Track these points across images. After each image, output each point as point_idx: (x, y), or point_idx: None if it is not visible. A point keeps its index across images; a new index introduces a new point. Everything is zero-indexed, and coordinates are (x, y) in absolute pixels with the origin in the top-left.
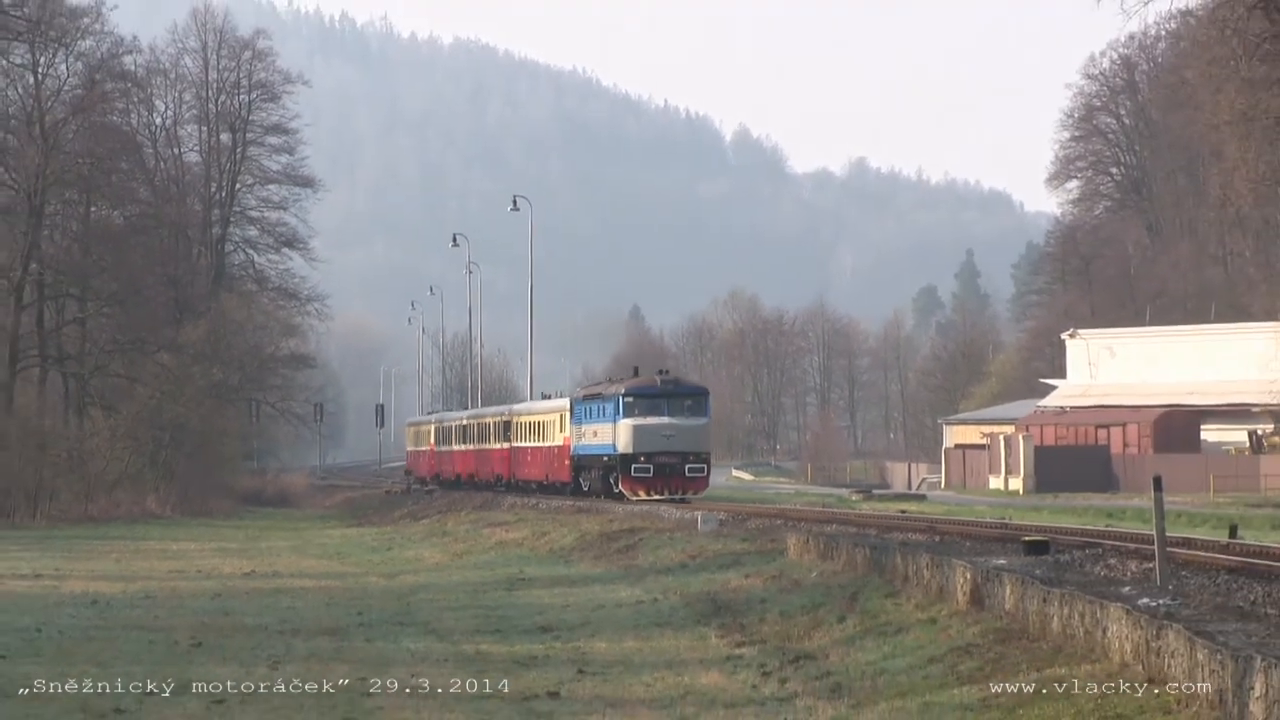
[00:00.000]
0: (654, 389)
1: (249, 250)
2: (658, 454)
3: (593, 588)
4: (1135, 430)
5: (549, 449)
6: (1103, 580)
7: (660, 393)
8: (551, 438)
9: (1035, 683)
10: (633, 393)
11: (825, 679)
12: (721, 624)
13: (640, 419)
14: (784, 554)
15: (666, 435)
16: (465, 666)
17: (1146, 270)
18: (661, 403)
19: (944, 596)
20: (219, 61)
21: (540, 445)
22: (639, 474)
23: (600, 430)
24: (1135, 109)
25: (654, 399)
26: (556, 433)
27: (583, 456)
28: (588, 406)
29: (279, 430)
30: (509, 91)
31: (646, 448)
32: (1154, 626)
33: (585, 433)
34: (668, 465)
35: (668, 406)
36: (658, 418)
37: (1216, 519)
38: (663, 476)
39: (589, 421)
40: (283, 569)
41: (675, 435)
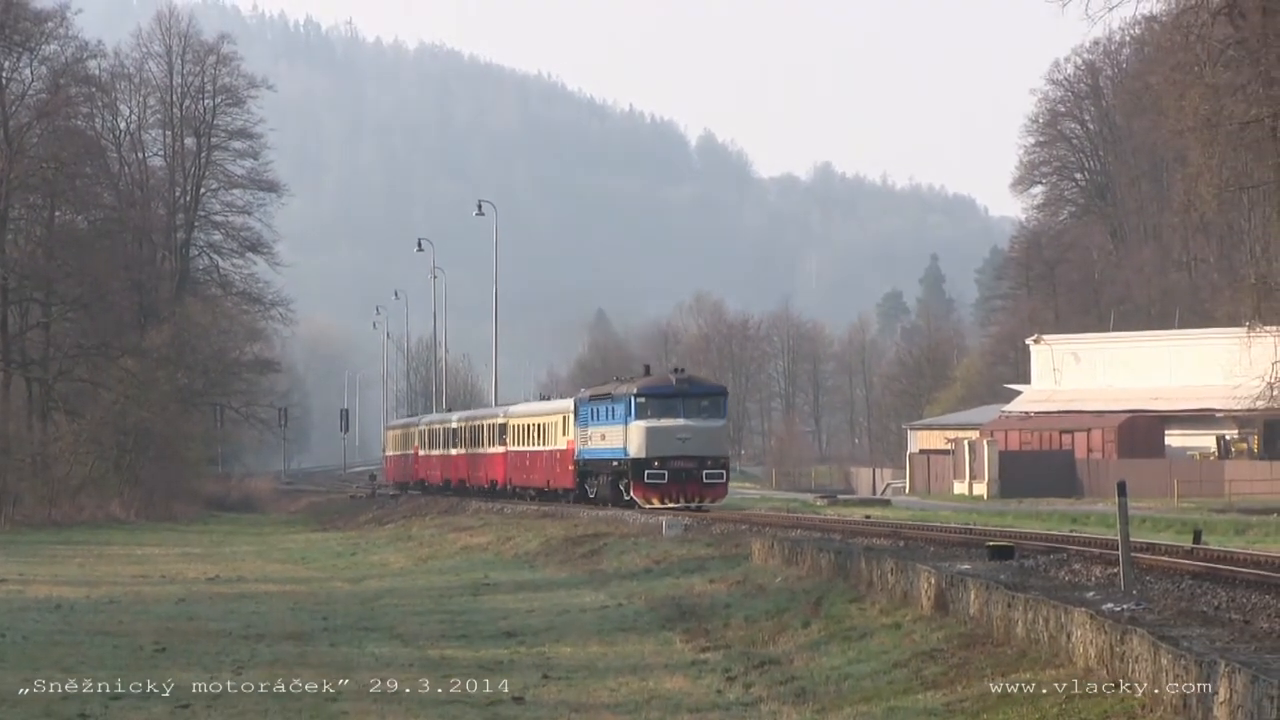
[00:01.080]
0: (668, 388)
1: (213, 255)
2: (673, 458)
3: (557, 592)
4: (1099, 435)
5: (550, 453)
6: (1067, 585)
7: (675, 392)
8: (553, 441)
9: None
10: (645, 392)
11: (790, 684)
12: (686, 629)
13: (654, 421)
14: (748, 559)
15: (682, 438)
16: (430, 671)
17: (1111, 276)
18: (676, 403)
19: (908, 601)
20: (183, 66)
21: (540, 449)
22: (652, 480)
23: (609, 433)
24: (1100, 114)
25: (668, 399)
26: (559, 436)
27: (589, 461)
28: (595, 408)
29: (243, 435)
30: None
31: (661, 451)
32: (1118, 631)
33: (592, 436)
34: (684, 470)
35: (683, 407)
36: (672, 419)
37: (1180, 524)
38: (678, 483)
39: (596, 424)
40: (247, 574)
41: (692, 438)
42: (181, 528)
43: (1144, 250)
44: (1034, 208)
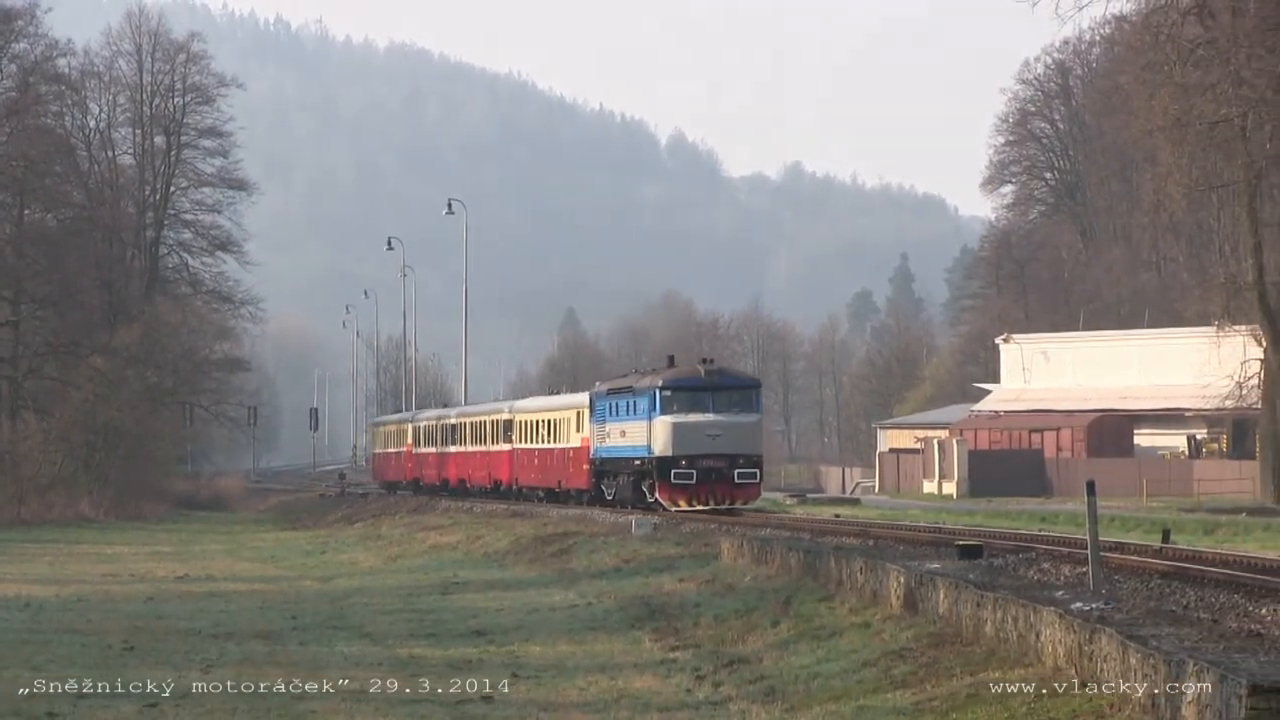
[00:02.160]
0: (697, 380)
1: (183, 253)
2: (702, 457)
3: (527, 591)
4: (1069, 435)
5: (562, 451)
6: (1036, 584)
7: (704, 385)
8: (565, 438)
9: (969, 686)
10: (672, 385)
11: (759, 683)
12: (655, 628)
13: (681, 416)
14: (718, 558)
15: (712, 435)
16: (399, 670)
17: (1080, 275)
18: (706, 397)
19: (878, 600)
20: (153, 65)
21: (551, 447)
22: (680, 480)
23: (630, 429)
24: (1069, 114)
25: (697, 392)
26: (572, 433)
27: (607, 460)
28: (613, 402)
29: (213, 434)
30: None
31: (689, 450)
32: (1087, 630)
33: (610, 432)
34: (714, 470)
35: (713, 401)
36: (702, 414)
37: (1149, 523)
38: (708, 483)
39: (615, 419)
40: (216, 572)
41: (723, 435)
42: (150, 526)
43: (1113, 249)
44: (1003, 207)
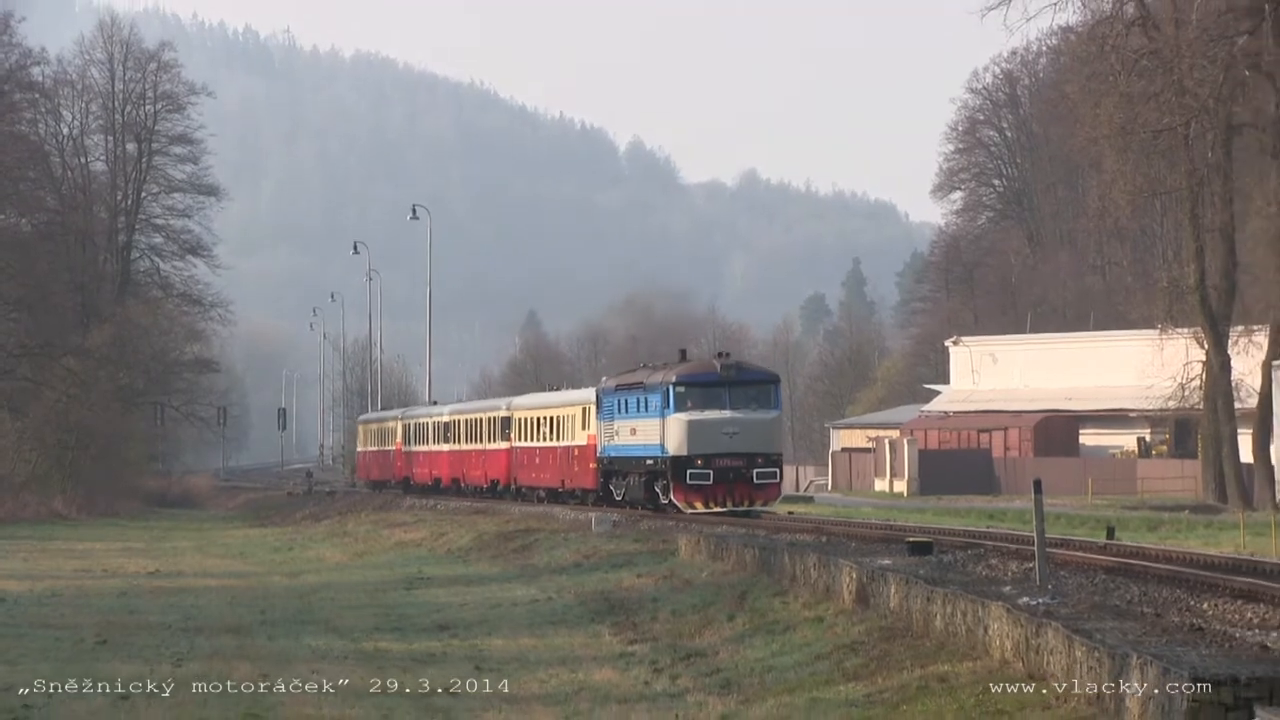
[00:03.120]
0: (712, 376)
1: (154, 257)
2: (718, 456)
3: (490, 587)
4: (1016, 434)
5: (566, 450)
6: (984, 580)
7: (720, 380)
8: (570, 436)
9: (918, 677)
10: (686, 381)
11: (715, 675)
12: (615, 622)
13: (696, 413)
14: (675, 554)
15: (729, 433)
16: (365, 664)
17: (1027, 279)
18: (722, 393)
19: (830, 595)
20: (125, 73)
21: (554, 445)
22: (696, 481)
23: (641, 427)
24: (1017, 122)
25: (712, 388)
26: (578, 430)
27: (615, 459)
28: (622, 398)
29: (183, 433)
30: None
31: (704, 449)
32: (1034, 625)
33: (619, 430)
34: (731, 470)
35: (729, 397)
36: (718, 411)
37: (1094, 521)
38: (725, 484)
39: (625, 417)
40: (187, 569)
41: (740, 433)
42: (123, 524)
43: (1060, 254)
44: (953, 213)
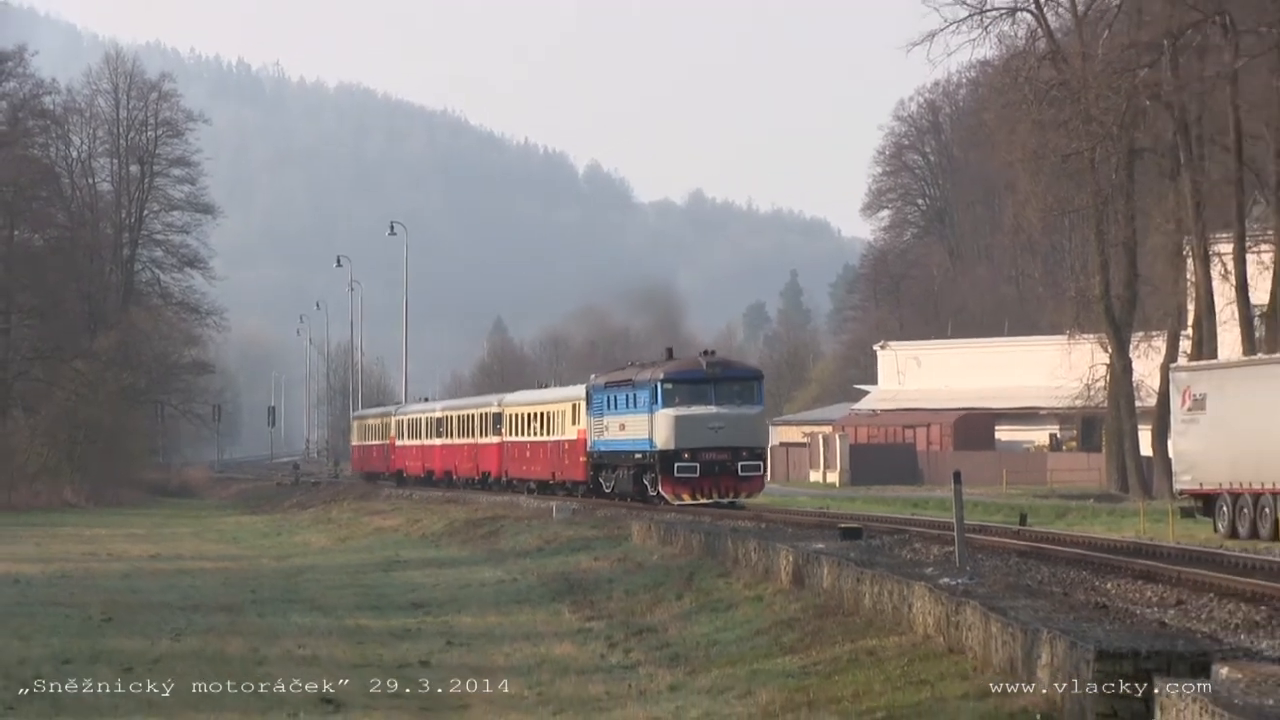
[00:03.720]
0: (698, 373)
1: (155, 269)
2: (705, 450)
3: (460, 569)
4: (938, 430)
5: (556, 444)
6: (909, 562)
7: (706, 377)
8: (560, 431)
9: (849, 650)
10: (673, 378)
11: (665, 649)
12: (573, 601)
13: (683, 409)
14: (629, 539)
15: (715, 427)
16: (347, 638)
17: (948, 289)
18: (708, 389)
19: (769, 576)
20: (129, 102)
21: (544, 440)
22: (683, 474)
23: (630, 422)
24: (939, 147)
25: (699, 385)
26: (568, 425)
27: (605, 453)
28: (611, 395)
29: (182, 429)
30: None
31: (691, 443)
32: (954, 603)
33: (608, 426)
34: (717, 463)
35: (715, 393)
36: (704, 407)
37: (1009, 509)
38: (711, 476)
39: (614, 413)
40: (184, 552)
41: (725, 427)
42: (126, 511)
43: (978, 267)
44: (881, 229)
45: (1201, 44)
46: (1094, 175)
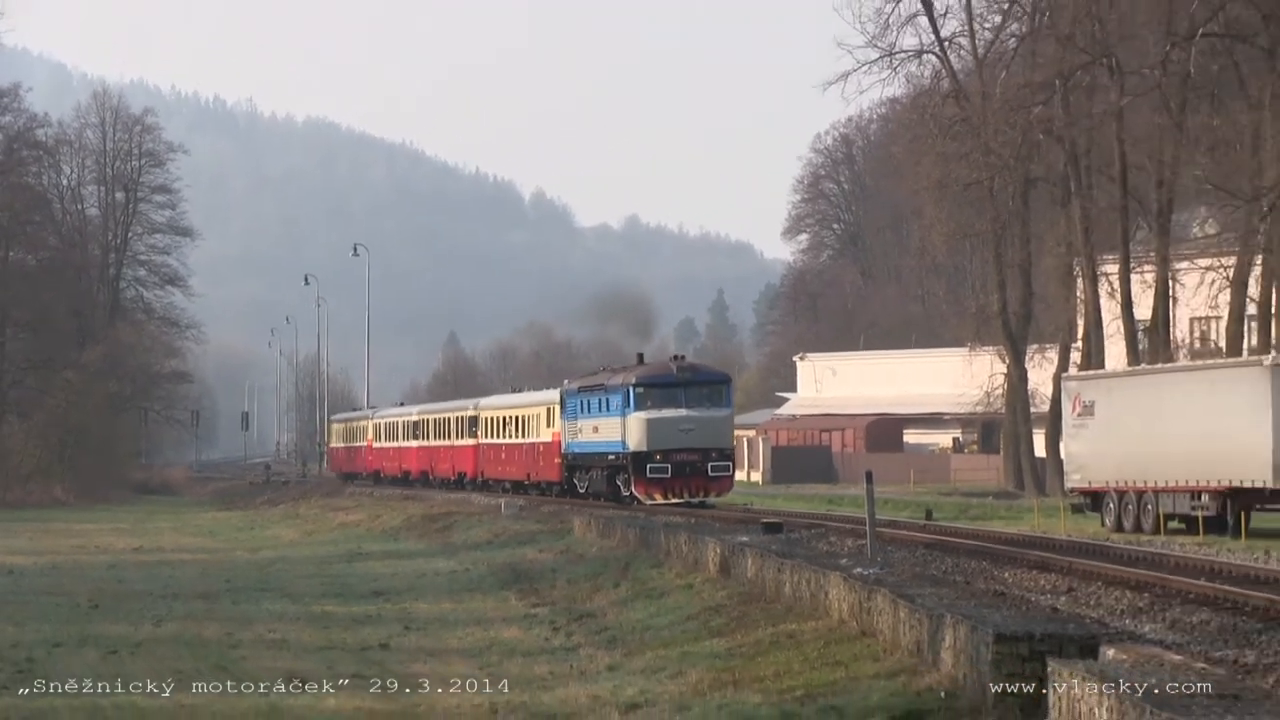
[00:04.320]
0: (669, 377)
1: (139, 287)
2: (676, 451)
3: (416, 560)
4: (851, 434)
5: (531, 446)
6: (825, 554)
7: (677, 381)
8: (535, 434)
9: (771, 634)
10: (645, 382)
11: (603, 633)
12: (520, 589)
13: (654, 411)
14: (570, 533)
15: (685, 429)
16: (313, 624)
17: (861, 306)
18: (678, 392)
19: (699, 567)
20: (115, 134)
21: (519, 442)
22: (655, 475)
23: (603, 425)
24: (853, 177)
25: (669, 388)
26: (542, 428)
27: (579, 455)
28: (584, 399)
29: (163, 432)
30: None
31: (663, 444)
32: (866, 590)
33: (582, 428)
34: (688, 464)
35: (685, 396)
36: (675, 409)
37: (915, 505)
38: (682, 477)
39: (587, 416)
40: (165, 545)
41: (695, 429)
42: (112, 508)
43: (888, 286)
44: (800, 251)
45: (1090, 84)
46: (993, 203)
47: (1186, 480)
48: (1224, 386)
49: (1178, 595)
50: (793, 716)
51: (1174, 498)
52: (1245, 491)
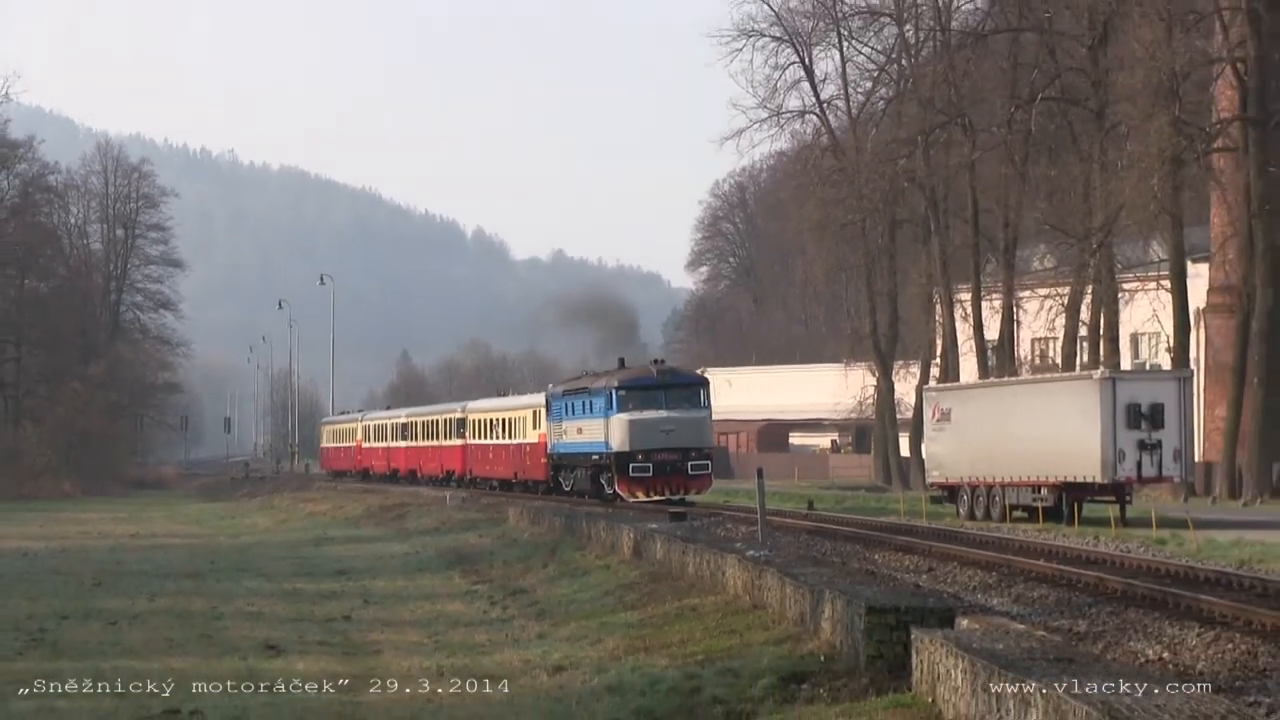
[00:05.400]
0: (650, 379)
1: (136, 310)
2: (657, 451)
3: (374, 544)
4: (745, 436)
5: (518, 446)
6: (723, 539)
7: (657, 384)
8: (522, 435)
9: (676, 607)
10: (626, 385)
11: (534, 606)
12: (463, 569)
13: (636, 413)
14: (506, 521)
15: (666, 430)
16: (285, 598)
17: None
18: (659, 394)
19: (615, 550)
20: (115, 180)
21: (506, 443)
22: (637, 474)
23: (587, 427)
24: (746, 218)
25: (650, 390)
26: (529, 430)
27: (564, 455)
28: (569, 402)
29: (156, 435)
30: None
31: (644, 445)
32: (757, 569)
33: (567, 430)
34: (668, 463)
35: (665, 398)
36: (655, 411)
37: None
38: (663, 475)
39: (571, 418)
40: (158, 532)
41: (676, 430)
42: (112, 500)
43: (776, 311)
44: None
45: (947, 140)
46: (864, 240)
47: (1028, 476)
48: (1060, 397)
49: (1021, 574)
50: (695, 677)
51: (1018, 491)
52: (1078, 485)
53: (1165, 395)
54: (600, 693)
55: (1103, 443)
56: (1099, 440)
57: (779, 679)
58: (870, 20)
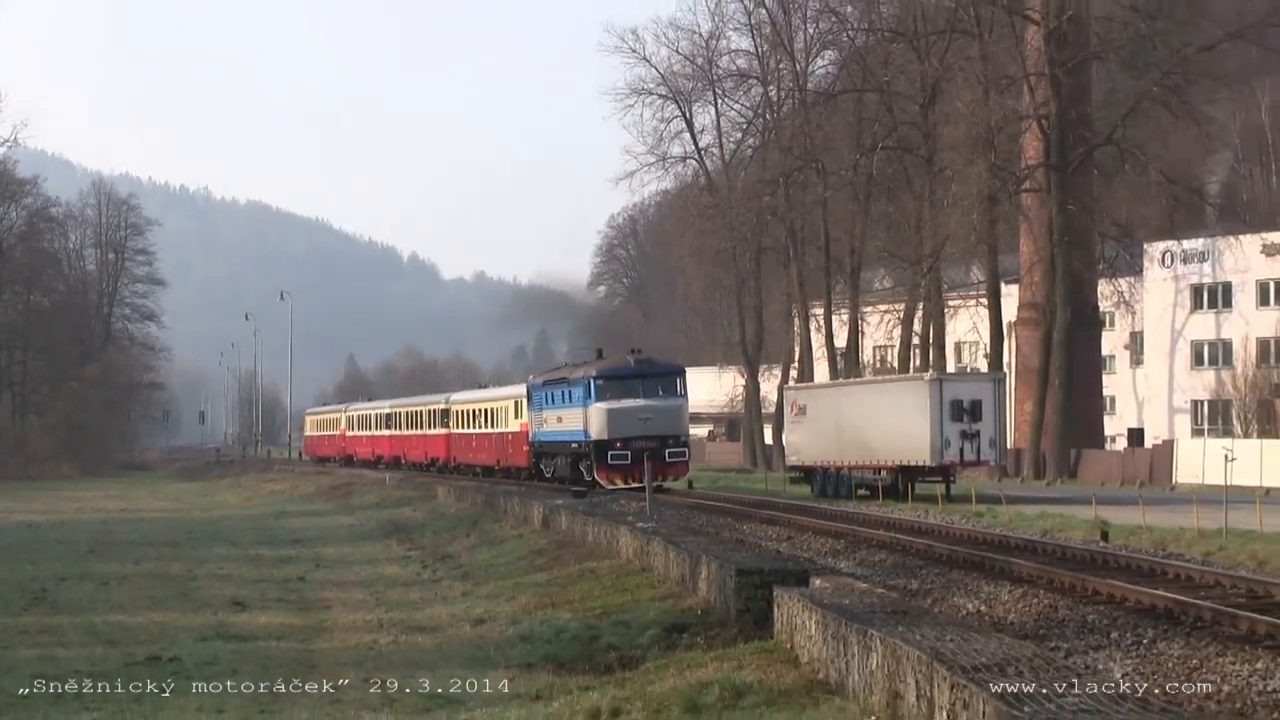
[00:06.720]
0: (627, 369)
1: (125, 322)
2: (635, 439)
3: (325, 517)
4: None
5: (500, 435)
6: (617, 513)
7: (634, 373)
8: (504, 424)
9: (578, 570)
10: (604, 374)
11: (459, 569)
12: (400, 538)
13: (614, 402)
14: (436, 498)
15: (644, 418)
16: (250, 563)
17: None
18: (636, 384)
19: (527, 522)
20: (108, 211)
21: (489, 432)
22: (616, 461)
23: (566, 416)
24: (637, 245)
25: (628, 380)
26: (510, 419)
27: (545, 443)
28: (549, 392)
29: (142, 426)
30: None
31: (623, 433)
32: (645, 538)
33: (547, 419)
34: (646, 450)
35: (643, 387)
36: (633, 400)
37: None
38: (641, 463)
39: (551, 407)
40: (143, 507)
41: (653, 418)
42: (105, 481)
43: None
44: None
45: (804, 181)
46: (735, 264)
47: (871, 460)
48: (897, 395)
49: (864, 542)
50: (593, 628)
51: (862, 473)
52: (912, 468)
53: (983, 394)
54: (514, 640)
55: (932, 433)
56: (929, 430)
57: (663, 629)
58: (740, 81)
